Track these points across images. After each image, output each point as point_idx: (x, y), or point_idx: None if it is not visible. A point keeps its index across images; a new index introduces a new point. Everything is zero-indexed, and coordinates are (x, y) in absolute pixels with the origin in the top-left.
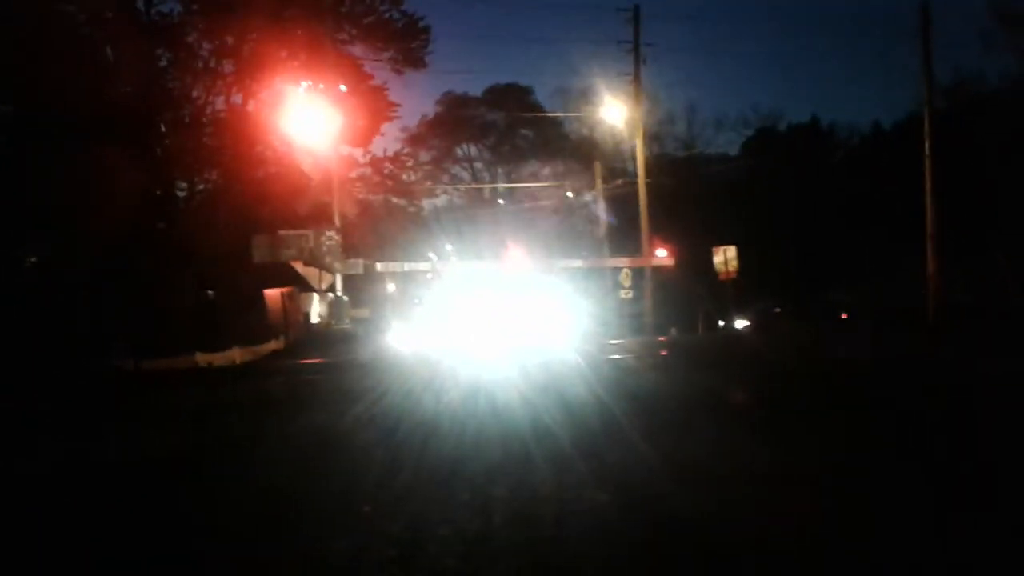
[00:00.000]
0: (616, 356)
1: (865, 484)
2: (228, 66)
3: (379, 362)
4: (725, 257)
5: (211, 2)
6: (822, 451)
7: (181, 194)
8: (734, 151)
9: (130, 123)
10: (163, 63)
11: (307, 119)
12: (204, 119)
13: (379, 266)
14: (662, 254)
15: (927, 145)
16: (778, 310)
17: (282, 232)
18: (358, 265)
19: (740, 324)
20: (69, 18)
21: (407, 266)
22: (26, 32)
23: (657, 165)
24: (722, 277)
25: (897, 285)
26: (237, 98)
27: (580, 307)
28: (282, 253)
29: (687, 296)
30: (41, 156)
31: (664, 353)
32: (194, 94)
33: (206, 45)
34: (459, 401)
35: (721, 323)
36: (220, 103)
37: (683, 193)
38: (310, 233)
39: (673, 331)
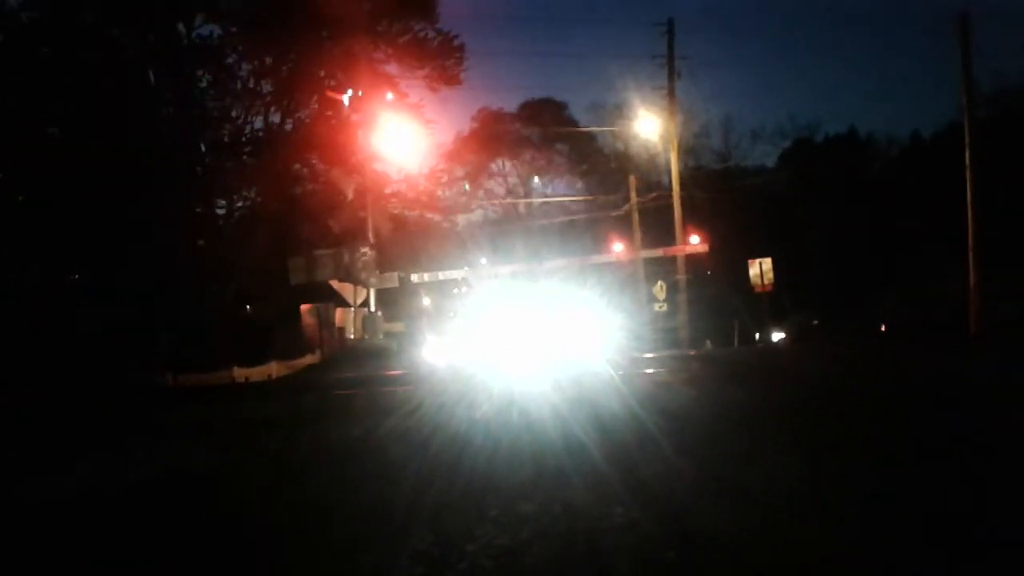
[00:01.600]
0: (650, 370)
1: (910, 509)
2: (266, 86)
3: (413, 376)
4: (760, 269)
5: (250, 24)
6: (861, 470)
7: (220, 212)
8: (771, 163)
9: (171, 143)
10: (203, 84)
11: (343, 137)
12: (243, 138)
13: (414, 277)
14: (695, 241)
15: (967, 155)
16: (816, 323)
17: (317, 252)
18: (393, 278)
19: (776, 337)
20: (113, 42)
21: (441, 275)
22: (73, 56)
23: (692, 178)
24: (757, 290)
25: (938, 297)
26: (275, 117)
27: (613, 320)
28: (318, 273)
29: (722, 309)
30: (86, 176)
31: (697, 367)
32: (233, 114)
33: (245, 66)
34: (492, 415)
35: (757, 336)
36: (259, 122)
37: (718, 205)
38: (344, 250)
39: (708, 344)
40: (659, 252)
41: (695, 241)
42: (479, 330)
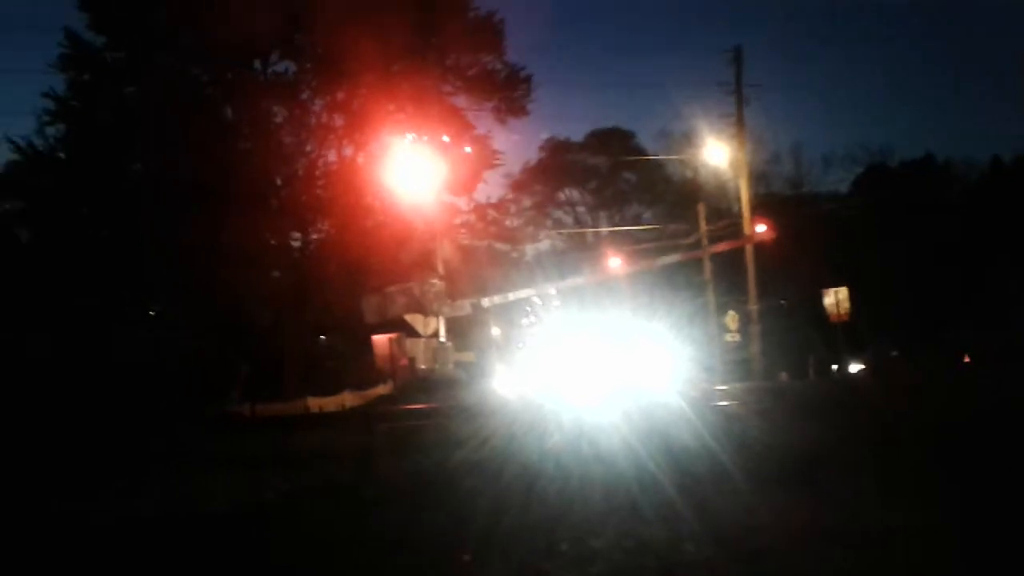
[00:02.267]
0: (722, 402)
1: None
2: (339, 120)
3: (483, 406)
4: (836, 299)
5: (323, 61)
6: (943, 510)
7: (295, 244)
8: (844, 188)
9: (248, 177)
10: (278, 119)
11: (413, 169)
12: (317, 172)
13: (484, 302)
14: (762, 229)
15: None
16: (895, 353)
17: (388, 289)
18: (465, 306)
19: (854, 368)
20: (193, 79)
21: (512, 295)
22: (155, 93)
23: (763, 205)
24: (833, 319)
25: (1022, 325)
26: (348, 151)
27: (684, 351)
28: (390, 310)
29: (797, 340)
30: (166, 211)
31: (771, 400)
32: (307, 148)
33: (318, 101)
34: (562, 446)
35: (834, 367)
36: (332, 156)
37: (791, 233)
38: (414, 284)
39: (783, 376)
40: (723, 246)
41: (761, 229)
42: (549, 360)
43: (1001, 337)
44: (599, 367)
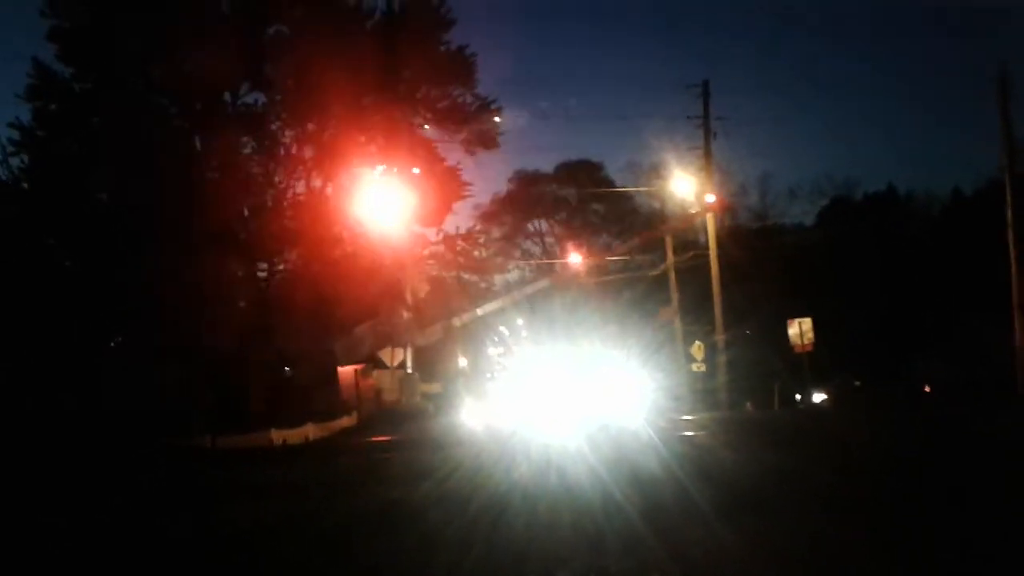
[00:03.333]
0: (688, 432)
1: None
2: (308, 151)
3: (450, 438)
4: (800, 329)
5: (293, 93)
6: (896, 537)
7: (262, 275)
8: (809, 221)
9: (216, 208)
10: (247, 150)
11: (382, 201)
12: (285, 202)
13: (456, 321)
14: (711, 199)
15: (1009, 213)
16: (857, 383)
17: (358, 329)
18: (436, 331)
19: (818, 398)
20: (161, 110)
21: (480, 311)
22: (122, 123)
23: (730, 237)
24: (797, 350)
25: (982, 357)
26: (316, 182)
27: (651, 381)
28: (358, 350)
29: (762, 370)
30: (131, 240)
31: (735, 430)
32: (276, 179)
33: (288, 132)
34: (529, 477)
35: (798, 397)
36: (300, 187)
37: (757, 264)
38: (382, 319)
39: (748, 406)
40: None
41: (711, 200)
42: (519, 390)
43: (963, 368)
44: (568, 397)
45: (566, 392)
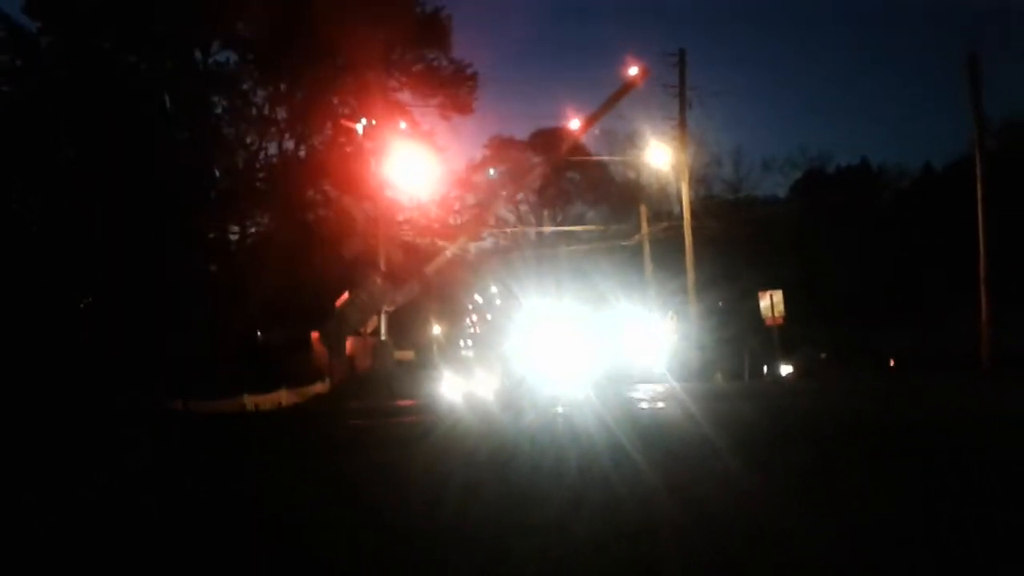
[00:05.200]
0: (644, 405)
1: None
2: (281, 113)
3: (425, 408)
4: (771, 302)
5: (266, 52)
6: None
7: (233, 237)
8: (782, 193)
9: (186, 168)
10: (219, 110)
11: (355, 164)
12: (257, 164)
13: (431, 268)
14: (634, 72)
15: (979, 187)
16: (823, 356)
17: (339, 306)
18: (412, 288)
19: (784, 371)
20: (131, 67)
21: (449, 251)
22: (90, 80)
23: (703, 207)
24: (768, 322)
25: (950, 331)
26: (289, 144)
27: (623, 351)
28: (345, 329)
29: (733, 341)
30: (99, 199)
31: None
32: (248, 140)
33: (260, 93)
34: (505, 453)
35: (765, 369)
36: (273, 148)
37: (730, 236)
38: (360, 290)
39: (718, 377)
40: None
41: (634, 72)
42: (491, 361)
43: (930, 342)
44: (539, 366)
45: (539, 360)
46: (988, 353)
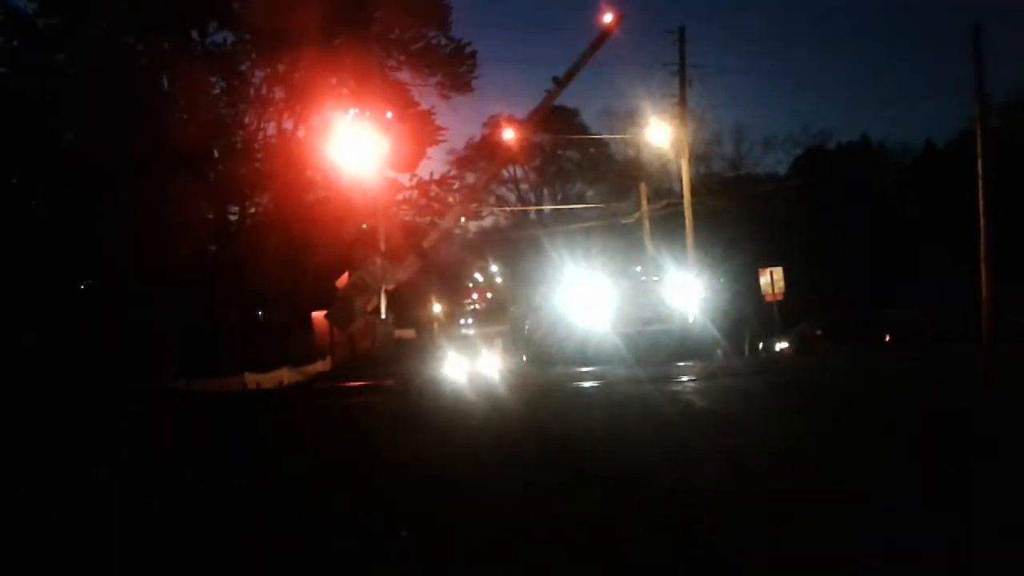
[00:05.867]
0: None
1: None
2: (279, 93)
3: (426, 386)
4: (772, 279)
5: (263, 32)
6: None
7: (233, 218)
8: (783, 170)
9: (185, 149)
10: (217, 91)
11: (355, 144)
12: (256, 145)
13: (427, 241)
14: (608, 19)
15: (979, 165)
16: (819, 332)
17: (343, 294)
18: (412, 263)
19: (779, 347)
20: (127, 48)
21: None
22: (87, 62)
23: (704, 185)
24: (768, 299)
25: (949, 308)
26: (288, 124)
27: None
28: (355, 317)
29: (734, 318)
30: (98, 181)
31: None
32: (246, 120)
33: (258, 73)
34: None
35: (760, 345)
36: (271, 129)
37: (730, 213)
38: (362, 273)
39: (719, 353)
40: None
41: (608, 19)
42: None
43: (929, 318)
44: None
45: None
46: (989, 328)
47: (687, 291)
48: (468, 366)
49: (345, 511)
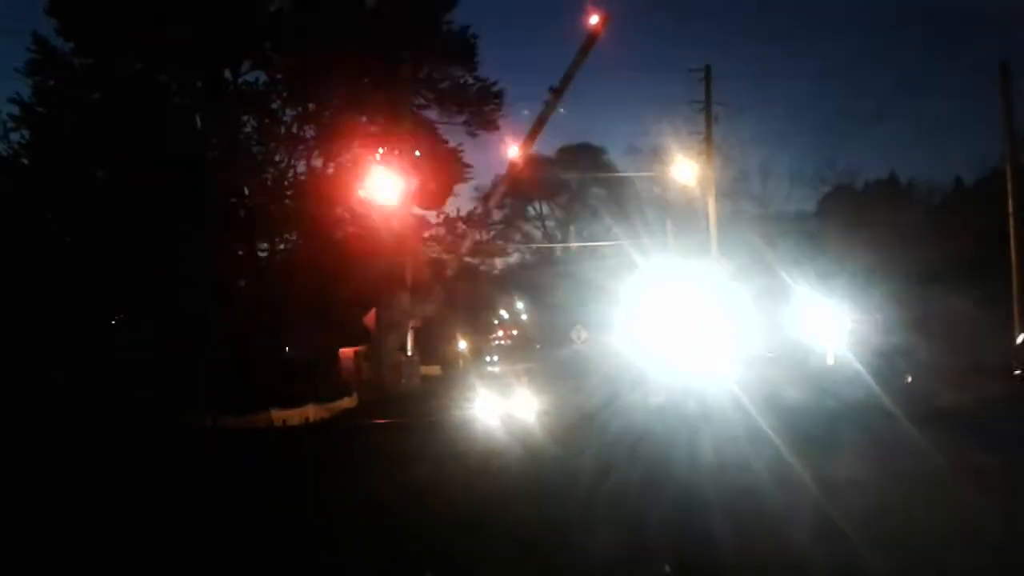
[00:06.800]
0: None
1: None
2: (309, 131)
3: (454, 425)
4: None
5: (294, 72)
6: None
7: (262, 254)
8: (810, 207)
9: (216, 186)
10: (248, 129)
11: (384, 182)
12: (286, 182)
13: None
14: (595, 20)
15: (1010, 202)
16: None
17: (377, 333)
18: (437, 296)
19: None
20: (162, 88)
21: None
22: (122, 101)
23: (730, 222)
24: None
25: (982, 348)
26: (317, 162)
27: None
28: (387, 354)
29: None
30: (131, 218)
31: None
32: (277, 158)
33: (289, 112)
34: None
35: None
36: (301, 166)
37: (756, 250)
38: (392, 310)
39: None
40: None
41: (594, 20)
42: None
43: (959, 358)
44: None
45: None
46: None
47: None
48: (503, 407)
49: None
